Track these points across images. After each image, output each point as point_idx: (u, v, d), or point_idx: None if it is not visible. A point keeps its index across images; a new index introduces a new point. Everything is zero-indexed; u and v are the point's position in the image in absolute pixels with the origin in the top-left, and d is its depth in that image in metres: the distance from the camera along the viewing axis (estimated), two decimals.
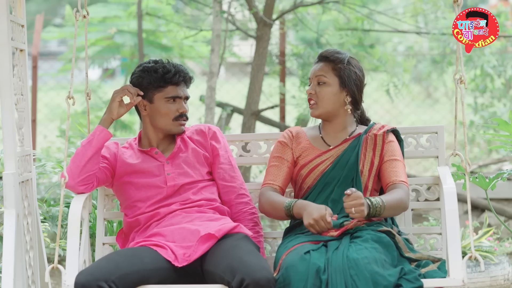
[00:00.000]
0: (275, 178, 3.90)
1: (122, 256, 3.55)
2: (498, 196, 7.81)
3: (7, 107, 3.85)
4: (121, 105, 3.94)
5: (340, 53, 3.88)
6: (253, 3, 6.67)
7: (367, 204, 3.56)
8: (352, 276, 3.36)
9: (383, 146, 3.85)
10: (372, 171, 3.84)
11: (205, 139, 3.99)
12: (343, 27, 8.06)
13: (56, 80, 13.08)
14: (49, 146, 9.66)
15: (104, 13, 9.41)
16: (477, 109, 9.72)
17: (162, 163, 3.90)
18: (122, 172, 3.91)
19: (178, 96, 3.90)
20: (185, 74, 3.93)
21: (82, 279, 3.38)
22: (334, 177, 3.81)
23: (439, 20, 8.10)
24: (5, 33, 3.82)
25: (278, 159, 3.92)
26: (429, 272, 3.52)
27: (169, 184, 3.86)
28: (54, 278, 5.61)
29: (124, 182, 3.91)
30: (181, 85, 3.92)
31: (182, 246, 3.64)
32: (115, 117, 3.93)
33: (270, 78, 8.60)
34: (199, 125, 4.05)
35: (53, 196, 6.37)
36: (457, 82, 3.73)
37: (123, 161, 3.92)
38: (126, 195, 3.92)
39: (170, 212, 3.82)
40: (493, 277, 5.34)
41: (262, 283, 3.34)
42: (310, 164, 3.87)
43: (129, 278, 3.45)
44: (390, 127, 3.91)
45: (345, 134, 3.90)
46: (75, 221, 3.66)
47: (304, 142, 3.93)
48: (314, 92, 3.87)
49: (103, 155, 3.90)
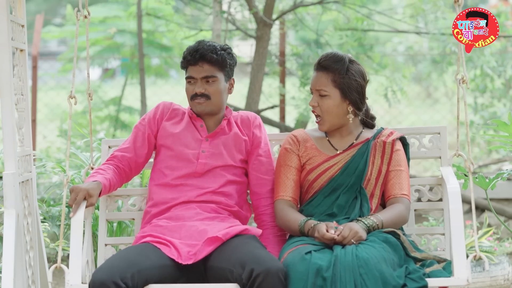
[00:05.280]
0: (285, 189, 3.89)
1: (132, 254, 3.58)
2: (498, 196, 7.81)
3: (7, 107, 3.85)
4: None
5: (338, 61, 3.83)
6: (253, 3, 6.66)
7: (363, 228, 3.60)
8: (362, 274, 3.36)
9: (392, 155, 3.85)
10: (379, 178, 3.84)
11: (249, 127, 4.02)
12: (343, 27, 8.05)
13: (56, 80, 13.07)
14: (49, 146, 9.65)
15: (104, 13, 9.40)
16: (477, 109, 9.71)
17: (202, 138, 3.94)
18: (161, 136, 3.97)
19: (192, 76, 3.93)
20: (203, 52, 3.91)
21: (99, 277, 3.41)
22: (342, 183, 3.82)
23: (439, 20, 8.09)
24: (5, 33, 3.82)
25: (285, 167, 3.92)
26: (433, 272, 3.53)
27: (200, 161, 3.89)
28: (54, 278, 5.61)
29: (161, 145, 3.96)
30: (199, 65, 3.91)
31: (188, 244, 3.66)
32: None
33: (270, 79, 8.59)
34: (247, 112, 4.09)
35: (53, 196, 6.37)
36: (459, 82, 3.73)
37: (164, 128, 3.98)
38: (159, 158, 3.97)
39: (188, 200, 3.84)
40: (493, 277, 5.34)
41: (273, 271, 3.36)
42: (318, 169, 3.86)
43: (141, 275, 3.49)
44: (399, 135, 3.91)
45: (352, 137, 3.90)
46: (78, 221, 3.66)
47: (310, 146, 3.91)
48: (317, 105, 3.86)
49: (142, 130, 3.99)
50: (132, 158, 3.97)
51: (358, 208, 3.77)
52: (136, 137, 4.00)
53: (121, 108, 9.68)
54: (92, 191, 3.73)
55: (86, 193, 3.71)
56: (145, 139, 3.99)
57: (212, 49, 3.91)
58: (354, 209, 3.77)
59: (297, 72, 8.20)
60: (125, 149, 3.99)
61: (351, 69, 3.83)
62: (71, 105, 3.84)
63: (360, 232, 3.55)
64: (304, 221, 3.72)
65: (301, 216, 3.78)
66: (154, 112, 4.04)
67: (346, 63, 3.83)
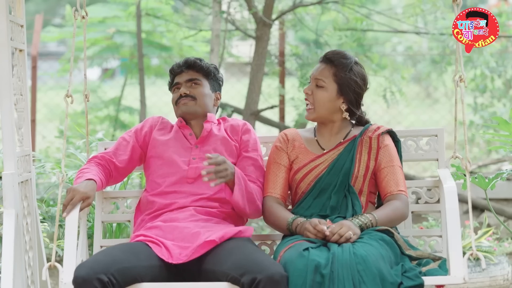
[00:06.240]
0: (274, 187, 3.90)
1: (119, 251, 3.55)
2: (498, 196, 7.80)
3: (6, 107, 3.85)
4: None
5: (345, 58, 3.85)
6: (253, 3, 6.67)
7: (356, 225, 3.60)
8: (360, 271, 3.36)
9: (378, 150, 3.84)
10: (367, 175, 3.83)
11: (237, 133, 4.03)
12: (342, 27, 8.05)
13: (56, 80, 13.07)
14: (48, 146, 9.66)
15: (103, 13, 9.40)
16: (477, 109, 9.71)
17: (191, 146, 3.95)
18: (152, 147, 3.99)
19: (177, 82, 4.03)
20: (188, 60, 4.03)
21: (82, 273, 3.38)
22: (329, 183, 3.81)
23: (438, 20, 8.09)
24: (4, 33, 3.82)
25: (275, 165, 3.93)
26: (429, 271, 3.53)
27: (192, 166, 3.89)
28: (54, 278, 5.61)
29: (151, 156, 3.97)
30: (184, 72, 4.04)
31: (180, 245, 3.64)
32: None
33: (269, 79, 8.60)
34: (236, 119, 4.12)
35: (52, 197, 6.38)
36: (456, 82, 3.73)
37: (154, 139, 4.00)
38: (150, 170, 3.98)
39: (183, 206, 3.83)
40: (493, 277, 5.34)
41: (276, 278, 3.33)
42: (304, 169, 3.86)
43: (126, 272, 3.46)
44: (385, 129, 3.89)
45: (340, 137, 3.90)
46: (72, 220, 3.66)
47: (299, 145, 3.92)
48: (310, 93, 3.87)
49: (134, 137, 4.02)
50: (111, 160, 3.97)
51: (350, 207, 3.76)
52: (119, 145, 4.03)
53: (121, 108, 9.68)
54: (90, 193, 3.73)
55: (84, 196, 3.71)
56: (127, 146, 4.00)
57: (198, 59, 4.05)
58: (347, 208, 3.76)
59: (297, 72, 8.20)
60: (105, 152, 4.01)
61: (354, 69, 3.85)
62: (67, 104, 3.85)
63: (352, 227, 3.55)
64: (293, 218, 3.73)
65: (290, 214, 3.79)
66: (142, 125, 4.08)
67: (352, 63, 3.85)
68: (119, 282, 3.41)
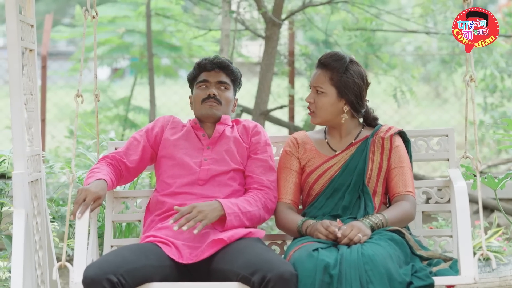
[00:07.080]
0: (285, 192, 3.90)
1: (129, 251, 3.56)
2: (508, 196, 7.78)
3: (16, 107, 3.86)
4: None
5: (338, 60, 3.83)
6: (262, 3, 6.67)
7: (367, 226, 3.59)
8: (367, 271, 3.36)
9: (391, 151, 3.85)
10: (380, 175, 3.84)
11: (248, 135, 4.02)
12: (352, 27, 8.05)
13: (66, 79, 13.10)
14: (57, 146, 9.68)
15: (113, 13, 9.42)
16: (487, 109, 9.69)
17: (203, 147, 3.94)
18: (163, 147, 3.98)
19: (206, 80, 3.99)
20: (220, 61, 4.02)
21: (91, 273, 3.39)
22: (343, 183, 3.81)
23: (448, 20, 8.07)
24: (14, 33, 3.83)
25: (285, 170, 3.93)
26: (440, 271, 3.52)
27: (203, 167, 3.88)
28: (64, 278, 5.62)
29: (162, 156, 3.97)
30: (215, 71, 4.02)
31: (189, 245, 3.65)
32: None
33: (279, 79, 8.59)
34: (249, 121, 4.11)
35: (62, 196, 6.39)
36: (467, 82, 3.73)
37: (165, 139, 3.99)
38: (161, 170, 3.96)
39: None
40: (502, 277, 5.33)
41: (286, 276, 3.34)
42: (317, 171, 3.87)
43: (136, 272, 3.46)
44: (397, 129, 3.90)
45: (350, 138, 3.90)
46: (82, 219, 3.66)
47: (310, 148, 3.92)
48: (313, 101, 3.88)
49: (145, 137, 4.01)
50: (121, 160, 3.97)
51: (362, 208, 3.76)
52: (130, 145, 4.02)
53: (130, 108, 9.69)
54: (101, 192, 3.73)
55: (96, 196, 3.71)
56: (138, 146, 4.00)
57: (229, 61, 4.05)
58: (359, 209, 3.77)
59: (306, 72, 8.20)
60: (115, 152, 4.01)
61: (350, 69, 3.83)
62: (77, 103, 3.85)
63: (363, 228, 3.55)
64: (303, 220, 3.74)
65: (300, 217, 3.80)
66: (153, 125, 4.07)
67: (346, 63, 3.83)
68: (129, 282, 3.42)
